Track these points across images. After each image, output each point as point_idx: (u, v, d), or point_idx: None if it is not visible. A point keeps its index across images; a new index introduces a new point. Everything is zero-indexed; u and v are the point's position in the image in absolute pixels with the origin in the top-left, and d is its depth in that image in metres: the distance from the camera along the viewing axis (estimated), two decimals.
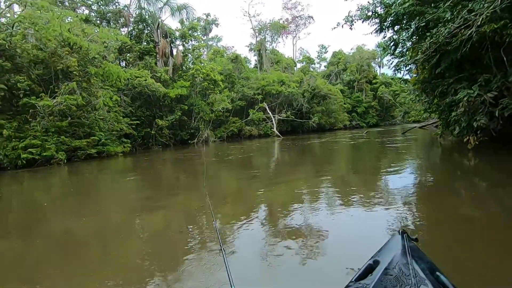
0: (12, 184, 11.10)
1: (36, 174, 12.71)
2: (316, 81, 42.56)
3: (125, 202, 6.75)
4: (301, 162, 12.22)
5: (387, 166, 9.02)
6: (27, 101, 14.92)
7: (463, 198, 5.17)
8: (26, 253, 3.86)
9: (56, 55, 16.72)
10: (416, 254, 1.53)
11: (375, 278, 1.38)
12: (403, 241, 1.59)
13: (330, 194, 5.73)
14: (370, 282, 1.38)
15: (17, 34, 15.18)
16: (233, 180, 8.94)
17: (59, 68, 16.30)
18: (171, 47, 33.20)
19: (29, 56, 16.36)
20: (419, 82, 11.60)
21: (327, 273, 2.73)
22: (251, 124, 37.00)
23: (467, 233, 3.48)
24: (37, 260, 3.65)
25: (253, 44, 49.62)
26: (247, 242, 3.63)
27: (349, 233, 3.68)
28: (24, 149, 14.10)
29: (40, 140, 14.60)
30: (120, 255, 3.66)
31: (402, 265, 1.42)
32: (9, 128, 14.27)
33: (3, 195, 8.54)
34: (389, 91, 52.79)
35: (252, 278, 2.74)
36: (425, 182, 6.59)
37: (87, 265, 3.34)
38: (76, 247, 4.00)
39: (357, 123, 50.89)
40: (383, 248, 1.71)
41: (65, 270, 3.27)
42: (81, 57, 17.56)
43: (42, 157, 14.45)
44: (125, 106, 25.27)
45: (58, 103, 15.35)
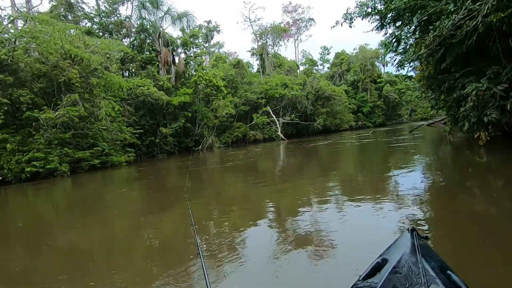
0: (17, 197, 11.08)
1: (40, 187, 12.67)
2: (319, 82, 42.23)
3: (113, 216, 6.56)
4: (306, 165, 11.95)
5: (395, 166, 8.70)
6: (30, 115, 15.00)
7: (476, 197, 4.89)
8: (32, 263, 3.98)
9: (58, 68, 16.84)
10: (426, 253, 1.47)
11: (383, 276, 1.34)
12: (413, 239, 1.53)
13: (338, 196, 5.61)
14: (378, 280, 1.34)
15: (18, 48, 15.31)
16: (239, 184, 8.89)
17: (61, 80, 16.39)
18: (173, 55, 33.39)
19: (32, 69, 16.51)
20: (424, 79, 11.22)
21: (336, 275, 2.68)
22: (255, 129, 36.78)
23: (481, 232, 3.30)
24: (45, 270, 3.72)
25: (255, 49, 49.65)
26: (256, 245, 3.65)
27: (358, 235, 3.57)
28: (27, 162, 14.13)
29: (44, 153, 14.63)
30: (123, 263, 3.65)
31: (412, 264, 1.37)
32: (13, 142, 14.33)
33: (11, 208, 8.48)
34: (394, 90, 52.10)
35: (261, 280, 2.76)
36: (435, 181, 6.26)
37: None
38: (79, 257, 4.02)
39: (363, 123, 50.25)
40: (391, 246, 1.67)
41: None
42: (83, 68, 17.66)
43: (46, 170, 14.46)
44: (129, 116, 25.34)
45: (60, 115, 15.39)
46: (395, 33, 11.08)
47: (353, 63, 55.85)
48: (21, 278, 3.54)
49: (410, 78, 13.08)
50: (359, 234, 3.58)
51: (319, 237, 3.55)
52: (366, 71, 54.20)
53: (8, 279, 3.50)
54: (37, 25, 15.95)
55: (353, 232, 3.70)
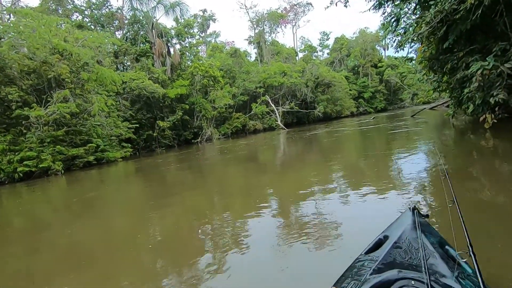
0: (10, 198, 10.82)
1: (32, 186, 12.40)
2: (319, 69, 41.34)
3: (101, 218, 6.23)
4: (306, 154, 11.66)
5: (397, 152, 8.35)
6: (20, 113, 14.61)
7: (482, 183, 4.56)
8: (33, 264, 3.88)
9: (47, 63, 16.35)
10: (426, 229, 1.54)
11: (384, 251, 1.42)
12: (414, 217, 1.60)
13: (340, 183, 5.58)
14: (380, 254, 1.41)
15: (4, 44, 14.78)
16: (241, 174, 8.93)
17: (50, 76, 15.91)
18: (168, 46, 32.62)
19: (20, 66, 16.02)
20: (425, 60, 10.63)
21: (338, 262, 2.54)
22: (255, 119, 36.26)
23: (488, 220, 3.12)
24: (43, 272, 3.60)
25: (252, 37, 48.62)
26: (260, 232, 3.69)
27: (361, 222, 3.51)
28: (20, 162, 13.83)
29: (36, 152, 14.30)
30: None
31: (412, 239, 1.44)
32: (3, 141, 14.00)
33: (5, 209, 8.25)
34: (395, 74, 51.03)
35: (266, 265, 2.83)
36: (438, 166, 5.89)
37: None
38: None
39: (364, 109, 49.49)
40: (393, 224, 1.73)
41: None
42: (73, 63, 17.15)
43: (39, 169, 14.16)
44: (125, 110, 24.92)
45: (51, 113, 14.99)
46: (393, 11, 10.44)
47: (353, 48, 54.59)
48: (24, 278, 3.47)
49: (411, 60, 12.45)
50: (362, 221, 3.52)
51: (322, 223, 3.56)
52: (366, 56, 52.99)
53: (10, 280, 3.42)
54: (22, 20, 15.36)
55: (356, 218, 3.64)
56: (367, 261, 1.42)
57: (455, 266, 1.31)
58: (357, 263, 1.46)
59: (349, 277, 1.36)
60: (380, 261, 1.37)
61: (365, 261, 1.43)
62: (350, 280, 1.32)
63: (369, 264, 1.39)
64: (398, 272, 1.25)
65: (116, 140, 20.50)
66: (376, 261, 1.38)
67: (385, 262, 1.36)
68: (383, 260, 1.36)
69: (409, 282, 1.19)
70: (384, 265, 1.34)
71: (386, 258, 1.36)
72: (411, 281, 1.19)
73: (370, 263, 1.40)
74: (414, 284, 1.17)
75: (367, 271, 1.33)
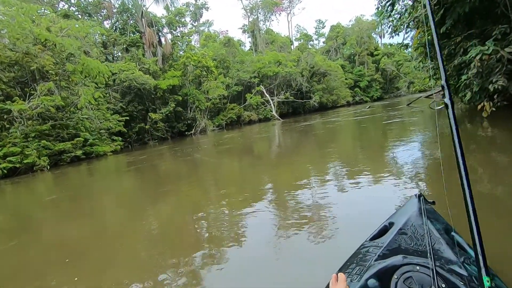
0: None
1: (16, 183, 11.96)
2: (314, 58, 40.65)
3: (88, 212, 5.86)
4: (302, 144, 11.36)
5: (392, 142, 8.08)
6: (2, 107, 14.03)
7: (479, 174, 4.27)
8: (25, 259, 3.77)
9: (29, 54, 15.66)
10: (431, 216, 1.53)
11: (389, 237, 1.43)
12: (419, 203, 1.60)
13: (335, 173, 5.48)
14: (384, 241, 1.42)
15: None
16: (236, 166, 8.82)
17: (33, 68, 15.26)
18: (159, 36, 31.76)
19: (1, 58, 15.33)
20: (421, 46, 10.20)
21: (334, 252, 2.61)
22: (249, 109, 35.76)
23: (486, 213, 2.94)
24: (35, 270, 3.45)
25: (246, 26, 47.57)
26: (259, 224, 3.58)
27: (357, 212, 3.45)
28: (3, 158, 13.33)
29: (20, 147, 13.78)
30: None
31: (417, 226, 1.45)
32: None
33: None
34: (392, 62, 50.45)
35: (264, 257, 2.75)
36: (433, 157, 5.67)
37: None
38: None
39: (360, 98, 49.05)
40: (398, 211, 1.73)
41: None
42: (57, 54, 16.46)
43: (24, 165, 13.67)
44: (115, 103, 24.31)
45: (35, 106, 14.41)
46: None
47: (349, 36, 53.72)
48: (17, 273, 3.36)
49: (406, 46, 11.99)
50: (358, 210, 3.47)
51: (318, 214, 3.53)
52: (362, 44, 52.23)
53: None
54: (0, 8, 14.58)
55: (352, 208, 3.58)
56: (372, 247, 1.42)
57: (461, 252, 1.31)
58: (362, 249, 1.46)
59: (354, 262, 1.36)
60: (385, 247, 1.37)
61: (370, 247, 1.44)
62: (355, 266, 1.32)
63: (374, 250, 1.39)
64: (403, 257, 1.24)
65: (106, 134, 19.96)
66: (381, 247, 1.38)
67: (390, 248, 1.36)
68: (388, 246, 1.37)
69: (414, 267, 1.18)
70: (389, 251, 1.34)
71: (391, 244, 1.37)
72: (416, 266, 1.18)
73: (375, 249, 1.40)
74: (419, 269, 1.16)
75: (372, 257, 1.33)
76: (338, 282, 1.08)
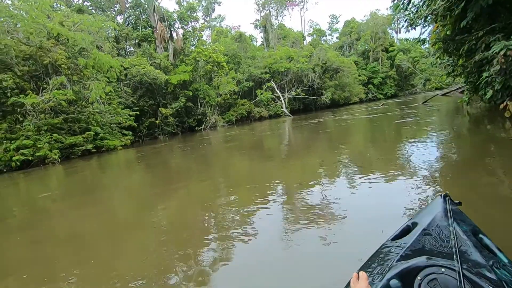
0: (9, 187, 10.65)
1: (29, 176, 12.19)
2: (326, 54, 39.87)
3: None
4: (312, 142, 11.08)
5: (406, 142, 7.72)
6: (16, 100, 14.29)
7: (499, 178, 3.99)
8: (36, 252, 3.81)
9: (43, 48, 15.87)
10: (458, 217, 1.47)
11: (412, 238, 1.38)
12: (445, 204, 1.52)
13: (347, 173, 5.29)
14: (407, 241, 1.37)
15: None
16: (246, 162, 8.72)
17: (45, 62, 15.45)
18: (170, 30, 31.79)
19: (16, 52, 15.59)
20: (439, 41, 9.68)
21: (344, 252, 2.56)
22: (260, 105, 35.48)
23: (507, 217, 2.80)
24: (47, 260, 3.52)
25: (258, 21, 47.09)
26: (268, 222, 3.53)
27: (368, 212, 3.34)
28: (16, 150, 13.60)
29: (33, 140, 14.03)
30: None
31: (443, 227, 1.39)
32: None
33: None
34: (407, 58, 48.95)
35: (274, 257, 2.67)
36: (450, 159, 5.40)
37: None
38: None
39: (374, 96, 47.94)
40: (422, 211, 1.68)
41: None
42: (69, 48, 16.63)
43: (36, 158, 13.92)
44: (126, 97, 24.51)
45: (47, 100, 14.62)
46: None
47: (364, 32, 52.43)
48: (29, 265, 3.37)
49: (423, 41, 11.43)
50: (369, 211, 3.36)
51: (330, 212, 3.47)
52: (377, 40, 50.89)
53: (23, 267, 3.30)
54: (14, 2, 14.79)
55: (364, 208, 3.48)
56: (394, 247, 1.39)
57: (489, 255, 1.26)
58: (383, 249, 1.43)
59: (375, 262, 1.34)
60: (408, 248, 1.32)
61: (392, 247, 1.40)
62: (377, 265, 1.30)
63: (396, 250, 1.36)
64: (427, 259, 1.19)
65: (117, 128, 20.15)
66: (404, 247, 1.34)
67: (413, 248, 1.32)
68: (411, 246, 1.33)
69: (438, 269, 1.13)
70: (412, 251, 1.30)
71: (414, 245, 1.33)
72: (441, 268, 1.13)
73: (397, 249, 1.36)
74: (444, 271, 1.12)
75: (394, 257, 1.30)
76: (359, 281, 1.06)
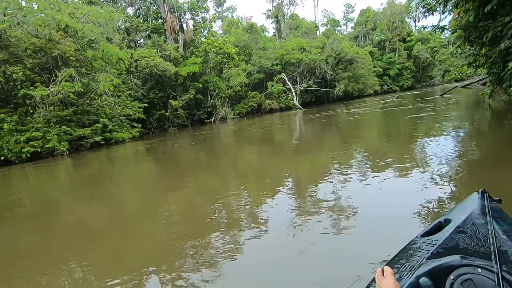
0: (21, 178, 10.88)
1: (39, 167, 12.33)
2: (340, 44, 38.61)
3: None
4: (323, 135, 10.77)
5: (421, 137, 7.27)
6: (26, 92, 14.42)
7: None
8: (47, 240, 3.95)
9: (52, 41, 15.90)
10: (497, 215, 1.35)
11: (445, 235, 1.31)
12: (482, 201, 1.42)
13: (359, 168, 5.09)
14: (439, 238, 1.30)
15: (5, 21, 14.36)
16: (256, 155, 8.67)
17: (54, 54, 15.48)
18: (181, 21, 31.47)
19: (26, 44, 15.69)
20: (460, 28, 8.92)
21: (357, 250, 2.49)
22: (271, 98, 34.89)
23: None
24: (58, 247, 3.63)
25: (270, 11, 46.10)
26: (279, 217, 3.45)
27: (381, 210, 3.23)
28: (26, 142, 13.79)
29: (42, 132, 14.18)
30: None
31: (479, 225, 1.30)
32: (10, 121, 13.94)
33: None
34: (426, 49, 46.82)
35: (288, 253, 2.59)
36: (468, 155, 5.03)
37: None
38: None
39: (389, 88, 46.34)
40: (456, 207, 1.59)
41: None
42: (78, 40, 16.60)
43: (45, 149, 14.09)
44: (136, 89, 24.52)
45: (56, 92, 14.68)
46: None
47: (380, 21, 50.45)
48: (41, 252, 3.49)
49: (442, 29, 10.59)
50: (383, 209, 3.26)
51: (341, 207, 3.41)
52: (394, 29, 48.85)
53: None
54: None
55: (376, 206, 3.39)
56: (425, 244, 1.32)
57: None
58: (412, 245, 1.36)
59: (403, 258, 1.28)
60: (440, 245, 1.24)
61: (422, 244, 1.33)
62: (405, 262, 1.24)
63: (427, 247, 1.28)
64: (461, 258, 1.13)
65: (126, 120, 20.20)
66: (435, 244, 1.26)
67: (446, 246, 1.24)
68: (443, 244, 1.25)
69: (474, 269, 1.06)
70: (444, 249, 1.23)
71: (447, 242, 1.25)
72: (477, 268, 1.06)
73: (428, 246, 1.29)
74: (480, 272, 1.04)
75: (424, 254, 1.23)
76: (385, 276, 1.02)
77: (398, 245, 1.43)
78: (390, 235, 2.60)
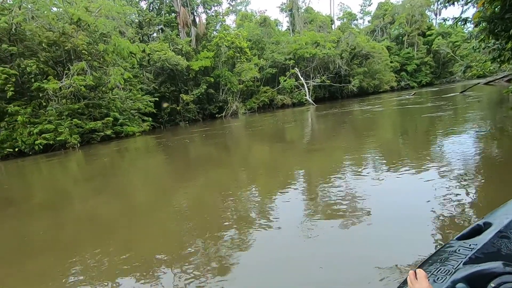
0: (34, 170, 11.13)
1: (51, 159, 12.53)
2: (356, 38, 37.48)
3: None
4: (336, 133, 10.41)
5: (438, 136, 6.92)
6: (39, 85, 14.65)
7: None
8: (59, 232, 4.05)
9: (65, 34, 16.06)
10: None
11: (485, 239, 1.25)
12: None
13: (373, 168, 4.91)
14: (478, 242, 1.24)
15: (19, 15, 14.58)
16: (268, 150, 8.62)
17: (67, 48, 15.64)
18: (193, 15, 31.32)
19: (41, 38, 15.91)
20: (484, 20, 8.29)
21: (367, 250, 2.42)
22: (283, 93, 34.40)
23: None
24: (70, 239, 3.69)
25: (284, 4, 45.28)
26: (289, 215, 3.41)
27: (395, 211, 3.15)
28: (39, 134, 14.05)
29: (54, 125, 14.42)
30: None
31: None
32: (24, 114, 14.23)
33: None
34: (447, 43, 44.77)
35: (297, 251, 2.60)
36: (490, 157, 4.77)
37: None
38: None
39: (406, 84, 44.81)
40: (497, 211, 1.51)
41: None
42: (90, 34, 16.71)
43: (57, 142, 14.33)
44: (148, 83, 24.63)
45: (68, 85, 14.85)
46: None
47: (399, 14, 48.62)
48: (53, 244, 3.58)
49: (465, 21, 9.89)
50: (396, 210, 3.19)
51: (353, 206, 3.32)
52: (413, 23, 46.96)
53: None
54: None
55: (390, 207, 3.30)
56: (461, 248, 1.23)
57: None
58: (448, 248, 1.28)
59: (437, 262, 1.21)
60: (479, 250, 1.18)
61: (459, 248, 1.24)
62: (440, 266, 1.18)
63: (464, 251, 1.21)
64: (503, 265, 1.04)
65: (138, 114, 20.34)
66: (473, 249, 1.20)
67: (486, 251, 1.17)
68: (482, 249, 1.18)
69: None
70: (484, 254, 1.16)
71: (487, 247, 1.18)
72: None
73: (466, 250, 1.21)
74: None
75: (461, 259, 1.17)
76: (417, 279, 0.99)
77: (418, 248, 1.44)
78: (401, 240, 2.49)
